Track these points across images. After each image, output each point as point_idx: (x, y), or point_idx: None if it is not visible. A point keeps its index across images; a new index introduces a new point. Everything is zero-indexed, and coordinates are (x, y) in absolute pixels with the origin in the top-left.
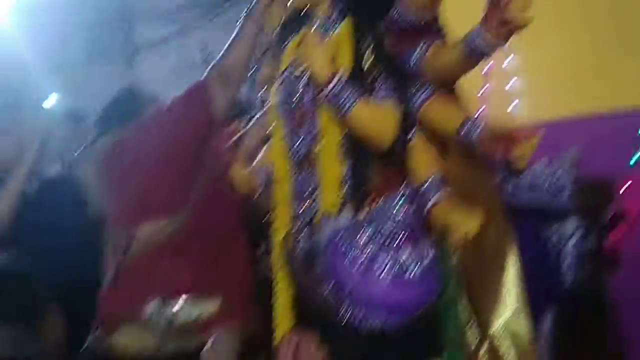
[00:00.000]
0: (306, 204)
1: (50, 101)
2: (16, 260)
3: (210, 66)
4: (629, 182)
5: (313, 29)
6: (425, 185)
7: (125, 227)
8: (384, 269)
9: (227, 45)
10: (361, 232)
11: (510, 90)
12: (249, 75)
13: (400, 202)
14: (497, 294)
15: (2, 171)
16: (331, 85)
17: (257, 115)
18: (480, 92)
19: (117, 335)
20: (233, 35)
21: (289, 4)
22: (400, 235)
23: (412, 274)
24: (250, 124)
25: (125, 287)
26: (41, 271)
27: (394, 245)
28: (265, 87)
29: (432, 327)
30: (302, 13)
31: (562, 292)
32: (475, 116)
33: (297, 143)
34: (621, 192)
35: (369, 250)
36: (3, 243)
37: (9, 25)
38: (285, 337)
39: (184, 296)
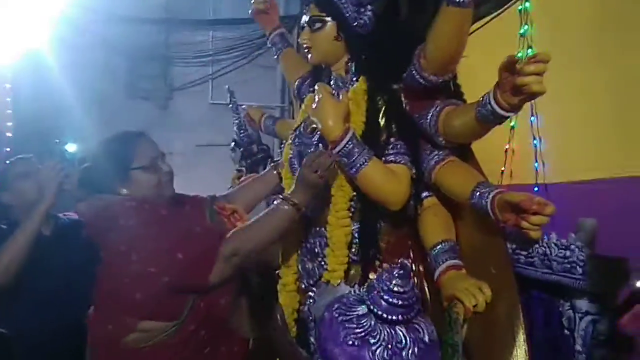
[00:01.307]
0: (314, 263)
1: (71, 147)
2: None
3: (232, 236)
4: None
5: (328, 86)
6: (435, 250)
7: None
8: (379, 345)
9: (253, 223)
10: (359, 304)
11: (535, 149)
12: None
13: (401, 274)
14: None
15: (22, 213)
16: (342, 143)
17: (270, 167)
18: (505, 149)
19: None
20: (263, 214)
21: (308, 60)
22: (399, 312)
23: (409, 353)
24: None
25: None
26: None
27: (391, 321)
28: (285, 139)
29: None
30: (320, 69)
31: None
32: (488, 182)
33: None
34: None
35: (365, 324)
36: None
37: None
38: None
39: None
